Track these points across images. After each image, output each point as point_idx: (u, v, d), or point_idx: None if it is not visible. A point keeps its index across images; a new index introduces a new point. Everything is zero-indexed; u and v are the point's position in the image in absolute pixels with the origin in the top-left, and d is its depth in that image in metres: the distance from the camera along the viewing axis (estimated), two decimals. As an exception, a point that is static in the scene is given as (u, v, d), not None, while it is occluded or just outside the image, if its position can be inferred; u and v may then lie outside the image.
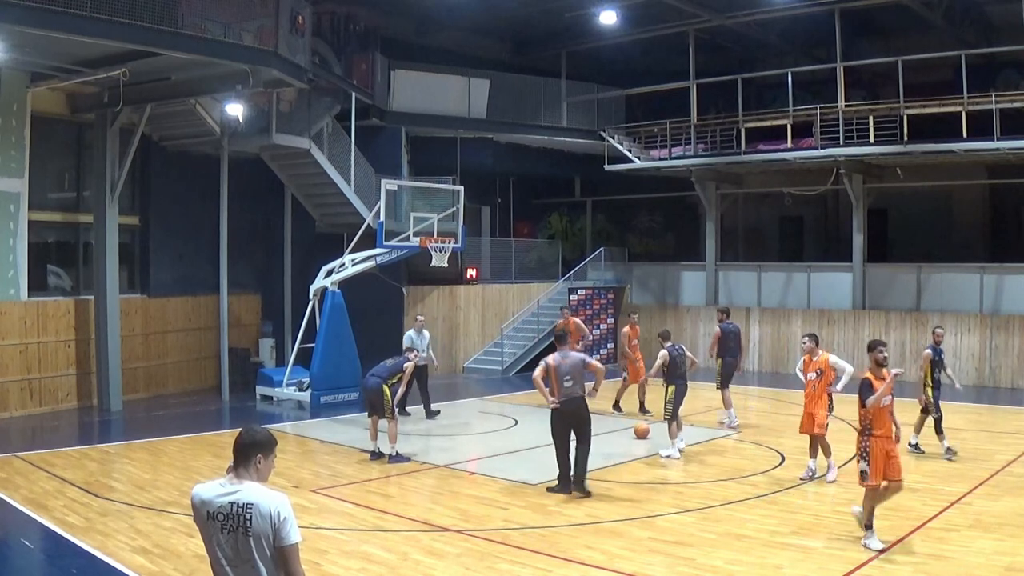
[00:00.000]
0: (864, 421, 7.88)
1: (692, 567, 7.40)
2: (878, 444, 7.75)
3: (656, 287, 24.57)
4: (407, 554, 7.82)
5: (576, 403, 9.76)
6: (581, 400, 9.80)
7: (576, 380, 9.74)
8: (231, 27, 13.98)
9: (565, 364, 9.73)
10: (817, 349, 10.40)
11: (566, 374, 9.70)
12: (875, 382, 7.82)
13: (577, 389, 9.76)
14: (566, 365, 9.72)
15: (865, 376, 7.97)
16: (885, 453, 7.76)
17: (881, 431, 7.79)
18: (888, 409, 7.85)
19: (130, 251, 17.74)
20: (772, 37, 22.33)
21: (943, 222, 22.34)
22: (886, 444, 7.79)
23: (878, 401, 7.71)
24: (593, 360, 10.13)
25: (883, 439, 7.78)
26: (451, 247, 17.15)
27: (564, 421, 9.81)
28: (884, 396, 7.75)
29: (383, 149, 20.68)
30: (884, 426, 7.80)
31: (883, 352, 8.02)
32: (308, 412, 15.76)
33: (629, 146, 22.76)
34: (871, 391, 7.75)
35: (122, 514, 8.98)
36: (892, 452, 7.83)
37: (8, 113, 14.81)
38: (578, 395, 9.77)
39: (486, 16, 21.60)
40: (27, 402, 15.13)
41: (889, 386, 7.81)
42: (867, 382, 7.86)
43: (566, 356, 9.83)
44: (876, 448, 7.74)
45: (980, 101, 17.67)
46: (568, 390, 9.71)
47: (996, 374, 18.46)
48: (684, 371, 12.04)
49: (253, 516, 3.69)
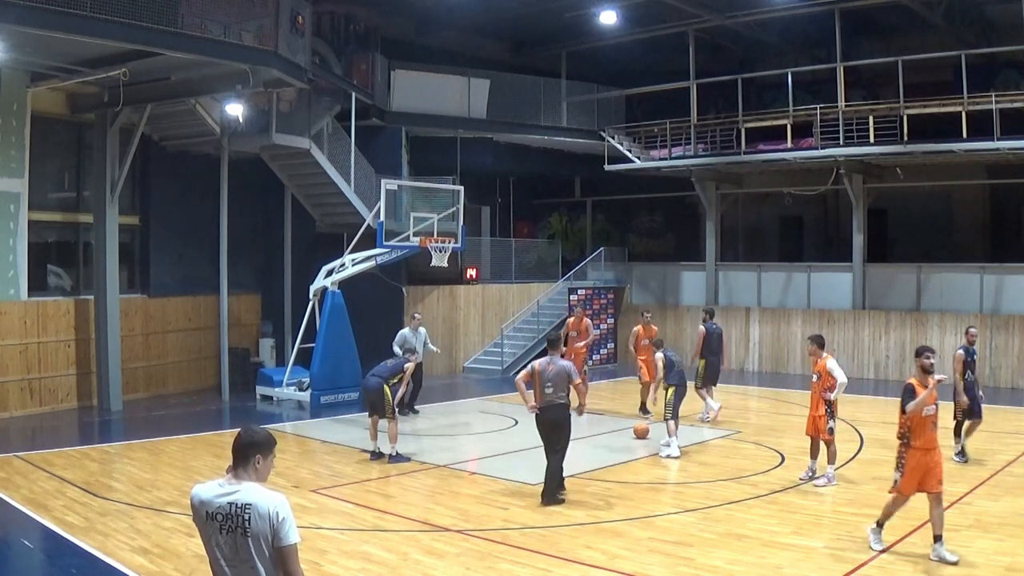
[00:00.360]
0: (903, 428, 7.42)
1: (692, 567, 7.40)
2: (915, 456, 7.32)
3: (656, 287, 24.56)
4: (407, 554, 7.82)
5: (554, 411, 9.45)
6: (560, 409, 9.45)
7: (558, 388, 9.41)
8: (231, 27, 13.96)
9: (550, 371, 9.45)
10: (820, 351, 10.15)
11: (548, 381, 9.41)
12: (919, 388, 7.35)
13: (557, 398, 9.42)
14: (550, 372, 9.44)
15: (909, 381, 7.50)
16: (923, 466, 7.31)
17: (920, 442, 7.31)
18: (932, 419, 7.36)
19: (130, 251, 17.75)
20: (772, 37, 22.32)
21: (943, 222, 22.33)
22: (924, 457, 7.32)
23: (919, 408, 7.24)
24: (579, 377, 9.71)
25: (921, 451, 7.31)
26: (451, 247, 17.15)
27: (540, 428, 9.61)
28: (927, 405, 7.28)
29: (383, 149, 20.67)
30: (924, 436, 7.31)
31: (930, 358, 7.48)
32: (308, 412, 15.76)
33: (629, 146, 22.75)
34: (913, 397, 7.29)
35: (122, 514, 8.98)
36: (931, 463, 7.36)
37: (8, 113, 14.81)
38: (557, 403, 9.43)
39: (486, 16, 21.59)
40: (27, 402, 15.13)
41: (932, 394, 7.31)
42: (910, 388, 7.39)
43: (552, 362, 9.54)
44: (912, 460, 7.32)
45: (980, 101, 17.66)
46: (548, 397, 9.42)
47: (996, 374, 18.45)
48: (684, 373, 12.14)
49: (252, 516, 3.69)
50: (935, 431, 7.45)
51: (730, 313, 22.17)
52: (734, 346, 22.03)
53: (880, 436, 13.11)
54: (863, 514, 8.78)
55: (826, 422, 9.99)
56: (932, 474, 7.36)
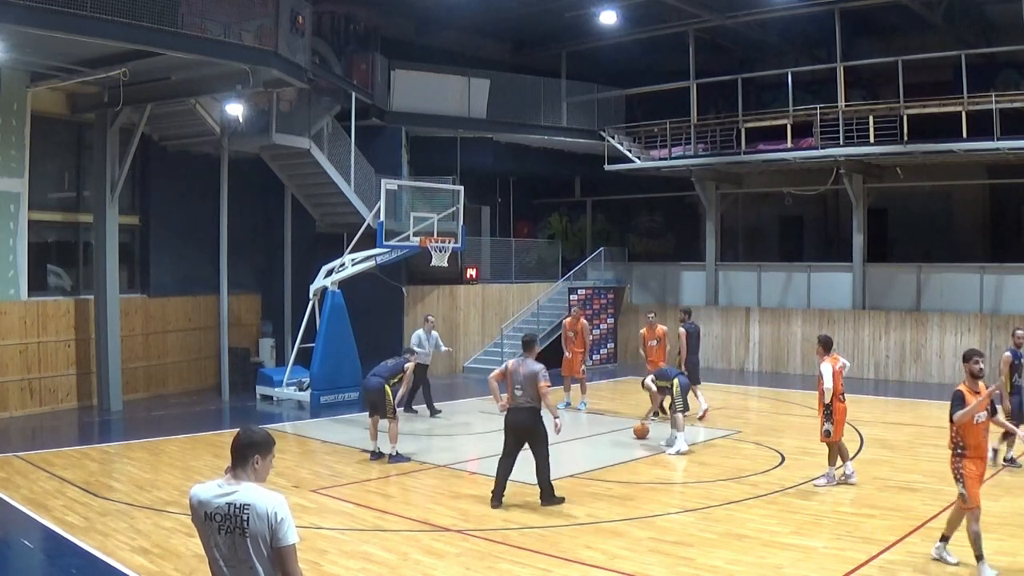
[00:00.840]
0: (955, 439, 7.13)
1: (692, 567, 7.40)
2: (971, 465, 7.07)
3: (656, 287, 24.56)
4: (407, 554, 7.82)
5: (520, 415, 9.28)
6: (527, 413, 9.26)
7: (526, 391, 9.18)
8: (231, 27, 13.97)
9: (520, 372, 9.26)
10: (823, 352, 10.10)
11: (518, 383, 9.23)
12: (968, 395, 7.05)
13: (525, 401, 9.22)
14: (520, 374, 9.25)
15: (958, 388, 7.19)
16: (980, 473, 7.13)
17: (973, 451, 7.08)
18: (983, 427, 7.13)
19: (130, 251, 17.74)
20: (772, 37, 22.32)
21: (943, 222, 22.33)
22: (980, 466, 7.14)
23: (969, 416, 6.98)
24: (544, 381, 9.21)
25: (977, 460, 7.10)
26: (451, 247, 17.15)
27: (505, 429, 9.49)
28: (977, 412, 7.03)
29: (383, 149, 20.67)
30: (977, 445, 7.10)
31: (979, 363, 7.18)
32: (308, 412, 15.76)
33: (629, 146, 22.75)
34: (962, 405, 7.01)
35: (122, 514, 8.98)
36: (983, 470, 7.23)
37: (8, 113, 14.81)
38: (525, 407, 9.24)
39: (486, 16, 21.58)
40: (27, 402, 15.13)
41: (984, 402, 7.06)
42: (959, 395, 7.10)
43: (523, 364, 9.34)
44: (970, 469, 7.05)
45: (980, 101, 17.66)
46: (517, 399, 9.26)
47: (996, 374, 18.39)
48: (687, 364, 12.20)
49: (250, 517, 3.69)
50: (987, 438, 7.27)
51: (730, 313, 22.18)
52: (734, 346, 22.05)
53: (880, 436, 13.14)
54: (863, 514, 8.81)
55: (823, 424, 9.96)
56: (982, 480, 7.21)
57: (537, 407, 9.30)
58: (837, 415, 9.89)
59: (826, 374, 9.82)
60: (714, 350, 21.95)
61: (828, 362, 9.97)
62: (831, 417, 9.89)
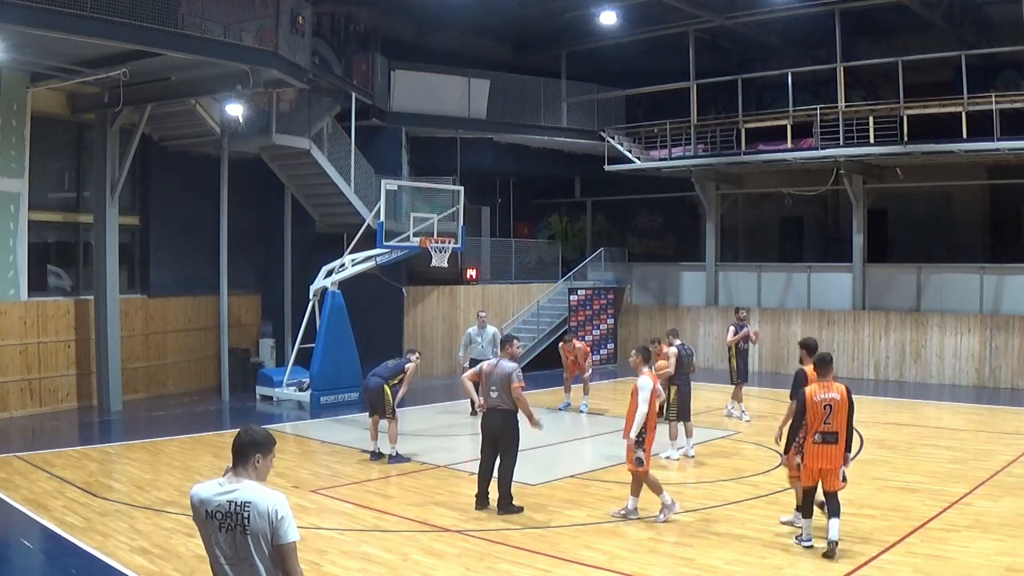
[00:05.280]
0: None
1: (692, 567, 7.40)
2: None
3: (656, 287, 24.56)
4: (407, 554, 7.82)
5: (495, 417, 9.13)
6: (502, 415, 9.10)
7: (502, 392, 9.03)
8: (231, 27, 13.97)
9: (495, 373, 9.12)
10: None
11: (492, 384, 9.10)
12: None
13: (501, 403, 9.07)
14: (495, 375, 9.12)
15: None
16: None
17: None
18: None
19: (130, 251, 17.74)
20: (772, 37, 22.32)
21: (943, 222, 22.34)
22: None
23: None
24: (517, 382, 9.02)
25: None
26: (451, 247, 17.14)
27: (482, 432, 9.39)
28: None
29: (383, 149, 20.67)
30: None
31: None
32: (308, 412, 15.76)
33: (629, 146, 22.75)
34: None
35: (122, 514, 8.98)
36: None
37: (8, 113, 14.81)
38: (500, 409, 9.09)
39: (486, 16, 21.58)
40: (27, 402, 15.13)
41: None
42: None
43: (497, 365, 9.21)
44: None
45: (980, 101, 17.65)
46: (492, 401, 9.12)
47: (996, 374, 18.45)
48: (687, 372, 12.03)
49: (251, 515, 3.70)
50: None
51: (730, 313, 22.14)
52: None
53: (879, 436, 13.13)
54: (863, 514, 8.80)
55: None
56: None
57: (512, 409, 9.12)
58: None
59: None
60: (714, 351, 21.95)
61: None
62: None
